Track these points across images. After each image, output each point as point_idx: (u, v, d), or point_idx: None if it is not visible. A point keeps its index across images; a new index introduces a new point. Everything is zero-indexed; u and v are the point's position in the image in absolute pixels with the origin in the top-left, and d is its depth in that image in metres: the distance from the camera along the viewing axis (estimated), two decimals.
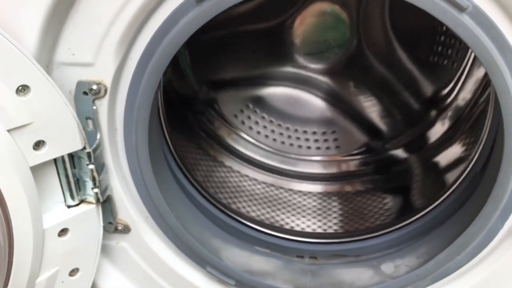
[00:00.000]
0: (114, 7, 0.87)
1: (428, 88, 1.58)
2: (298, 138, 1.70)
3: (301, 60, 1.63)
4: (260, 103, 1.68)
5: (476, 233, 0.99)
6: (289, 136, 1.70)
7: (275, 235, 1.34)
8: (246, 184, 1.59)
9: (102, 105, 0.97)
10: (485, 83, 1.39)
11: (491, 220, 0.97)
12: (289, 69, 1.65)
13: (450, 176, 1.32)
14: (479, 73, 1.44)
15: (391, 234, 1.27)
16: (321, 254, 1.29)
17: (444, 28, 1.46)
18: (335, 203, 1.55)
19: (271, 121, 1.69)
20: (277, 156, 1.69)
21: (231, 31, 1.57)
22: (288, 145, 1.70)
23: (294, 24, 1.58)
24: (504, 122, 0.86)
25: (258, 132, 1.69)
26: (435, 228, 1.16)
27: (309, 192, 1.61)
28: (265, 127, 1.69)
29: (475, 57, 1.42)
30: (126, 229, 1.13)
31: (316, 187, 1.62)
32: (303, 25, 1.59)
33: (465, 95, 1.49)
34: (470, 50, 1.43)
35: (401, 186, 1.52)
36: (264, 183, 1.62)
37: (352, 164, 1.68)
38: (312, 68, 1.64)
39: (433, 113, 1.57)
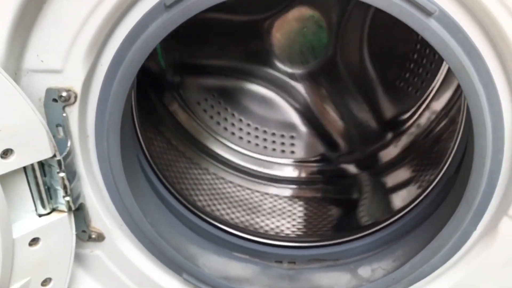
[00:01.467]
0: (83, 13, 0.86)
1: (389, 111, 1.63)
2: (256, 137, 1.71)
3: (275, 60, 1.63)
4: (226, 95, 1.67)
5: (449, 236, 1.00)
6: (248, 133, 1.70)
7: (254, 240, 1.33)
8: (219, 183, 1.60)
9: (72, 112, 0.96)
10: (442, 114, 1.50)
11: (463, 223, 0.97)
12: (261, 67, 1.64)
13: (396, 198, 1.39)
14: (438, 104, 1.52)
15: (370, 237, 1.27)
16: (300, 258, 1.28)
17: (416, 55, 1.52)
18: (300, 208, 1.58)
19: (233, 115, 1.69)
20: (236, 153, 1.70)
21: (209, 17, 1.54)
22: (246, 142, 1.71)
23: (274, 25, 1.58)
24: (473, 125, 0.87)
25: (218, 123, 1.69)
26: (412, 231, 1.17)
27: (276, 195, 1.62)
28: (225, 119, 1.69)
29: (438, 88, 1.51)
30: (100, 237, 1.11)
31: (279, 190, 1.65)
32: (283, 27, 1.59)
33: (423, 122, 1.57)
34: (434, 80, 1.51)
35: (348, 199, 1.58)
36: (231, 182, 1.63)
37: (305, 170, 1.70)
38: (285, 71, 1.64)
39: (389, 135, 1.64)
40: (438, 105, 1.53)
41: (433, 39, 0.81)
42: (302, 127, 1.70)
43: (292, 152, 1.71)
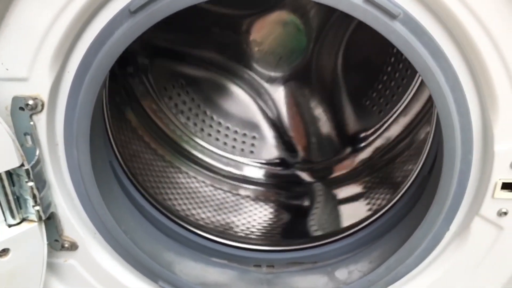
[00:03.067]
0: (47, 20, 0.85)
1: (351, 127, 1.68)
2: (218, 131, 1.70)
3: (249, 59, 1.62)
4: (194, 84, 1.65)
5: (423, 236, 1.00)
6: (211, 126, 1.69)
7: (232, 245, 1.33)
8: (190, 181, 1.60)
9: (40, 120, 0.94)
10: (400, 139, 1.57)
11: (436, 224, 0.98)
12: (234, 63, 1.63)
13: (345, 211, 1.46)
14: (399, 127, 1.58)
15: (347, 239, 1.27)
16: (278, 262, 1.28)
17: (385, 77, 1.57)
18: (254, 208, 1.60)
19: (198, 106, 1.67)
20: (193, 142, 1.69)
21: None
22: (207, 135, 1.70)
23: (254, 24, 1.57)
24: (442, 126, 0.87)
25: (182, 112, 1.67)
26: (388, 232, 1.17)
27: (229, 192, 1.64)
28: (190, 109, 1.67)
29: (399, 113, 1.57)
30: (74, 246, 1.10)
31: (232, 188, 1.66)
32: (262, 28, 1.58)
33: (381, 142, 1.62)
34: (397, 105, 1.56)
35: (299, 207, 1.61)
36: (203, 182, 1.64)
37: (261, 172, 1.71)
38: (258, 71, 1.64)
39: (347, 150, 1.68)
40: (398, 128, 1.58)
41: (398, 42, 0.81)
42: (266, 129, 1.71)
43: (251, 152, 1.72)
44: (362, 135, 1.66)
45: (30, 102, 0.91)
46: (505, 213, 0.95)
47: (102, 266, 1.12)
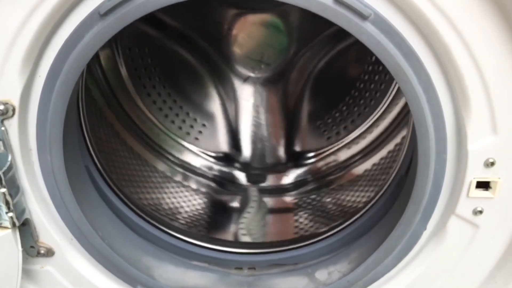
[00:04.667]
0: (15, 24, 0.84)
1: (300, 143, 1.75)
2: (170, 108, 1.69)
3: (228, 51, 1.61)
4: (161, 55, 1.62)
5: (400, 236, 1.00)
6: (164, 101, 1.68)
7: (213, 248, 1.32)
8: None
9: (12, 126, 0.93)
10: (338, 167, 1.68)
11: (413, 224, 0.98)
12: (211, 48, 1.62)
13: (273, 222, 1.56)
14: (343, 155, 1.69)
15: (327, 240, 1.27)
16: (260, 264, 1.27)
17: (344, 108, 1.66)
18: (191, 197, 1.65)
19: (159, 79, 1.65)
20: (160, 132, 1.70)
21: None
22: (157, 109, 1.69)
23: (238, 20, 1.57)
24: (415, 126, 0.87)
25: (139, 78, 1.63)
26: (367, 232, 1.17)
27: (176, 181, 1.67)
28: (149, 78, 1.64)
29: (347, 143, 1.68)
30: (50, 252, 1.08)
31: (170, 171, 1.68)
32: (244, 26, 1.57)
33: (321, 165, 1.72)
34: (349, 135, 1.68)
35: (227, 206, 1.65)
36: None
37: (200, 162, 1.74)
38: (231, 65, 1.64)
39: (289, 164, 1.75)
40: (342, 156, 1.68)
41: (370, 43, 0.81)
42: (219, 121, 1.73)
43: (196, 138, 1.73)
44: (307, 155, 1.74)
45: (1, 107, 0.90)
46: (481, 212, 0.95)
47: (80, 272, 1.11)
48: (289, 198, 1.69)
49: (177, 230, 1.33)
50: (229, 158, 1.76)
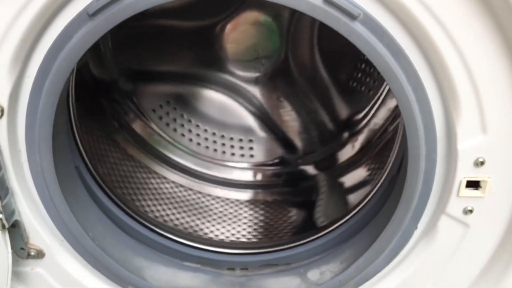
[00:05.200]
0: (3, 24, 0.83)
1: (343, 111, 1.65)
2: (214, 142, 1.69)
3: (228, 65, 1.62)
4: (181, 101, 1.65)
5: (391, 236, 1.00)
6: (206, 139, 1.68)
7: (205, 248, 1.31)
8: (165, 187, 1.58)
9: (0, 126, 0.92)
10: (396, 113, 1.50)
11: (404, 223, 0.98)
12: (215, 72, 1.63)
13: (353, 198, 1.41)
14: (391, 103, 1.53)
15: (320, 240, 1.27)
16: (252, 264, 1.27)
17: (366, 56, 1.52)
18: (246, 213, 1.57)
19: (190, 121, 1.66)
20: (192, 158, 1.68)
21: (158, 23, 1.52)
22: (204, 148, 1.69)
23: (226, 29, 1.56)
24: (406, 125, 0.88)
25: (175, 130, 1.66)
26: (359, 232, 1.17)
27: (227, 199, 1.61)
28: (182, 125, 1.66)
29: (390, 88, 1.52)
30: (40, 254, 1.07)
31: (229, 194, 1.63)
32: (234, 31, 1.58)
33: (377, 122, 1.58)
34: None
35: (306, 201, 1.57)
36: (182, 186, 1.62)
37: (264, 174, 1.70)
38: (238, 75, 1.63)
39: (345, 135, 1.64)
40: (392, 103, 1.54)
41: (360, 43, 0.81)
42: (260, 131, 1.70)
43: (251, 156, 1.70)
44: (357, 117, 1.63)
45: None
46: (471, 211, 0.96)
47: (71, 274, 1.10)
48: (361, 168, 1.55)
49: (168, 230, 1.32)
50: (286, 160, 1.72)
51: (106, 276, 1.11)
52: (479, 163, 0.90)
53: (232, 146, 1.70)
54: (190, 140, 1.67)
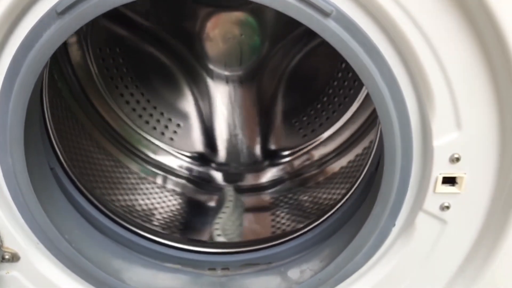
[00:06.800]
0: None
1: (275, 141, 1.74)
2: (144, 109, 1.67)
3: (201, 52, 1.59)
4: (132, 55, 1.60)
5: (369, 233, 1.00)
6: (138, 101, 1.66)
7: (186, 248, 1.30)
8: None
9: None
10: (316, 164, 1.68)
11: (381, 220, 0.98)
12: (183, 47, 1.60)
13: (250, 221, 1.54)
14: (317, 154, 1.69)
15: (301, 238, 1.27)
16: (233, 264, 1.27)
17: (319, 105, 1.65)
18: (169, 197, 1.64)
19: (131, 78, 1.63)
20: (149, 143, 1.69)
21: None
22: (130, 109, 1.67)
23: (211, 18, 1.55)
24: (381, 122, 0.88)
25: (116, 87, 1.61)
26: (338, 230, 1.17)
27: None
28: (121, 78, 1.62)
29: (323, 141, 1.68)
30: (15, 257, 1.06)
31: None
32: (217, 25, 1.56)
33: (297, 163, 1.72)
34: (324, 133, 1.68)
35: (203, 205, 1.65)
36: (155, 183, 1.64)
37: (175, 162, 1.73)
38: (204, 64, 1.62)
39: (265, 163, 1.75)
40: (317, 154, 1.69)
41: (332, 40, 0.81)
42: (193, 120, 1.71)
43: (171, 139, 1.71)
44: (283, 153, 1.74)
45: None
46: (448, 207, 0.96)
47: (47, 277, 1.09)
48: (266, 197, 1.69)
49: (149, 231, 1.31)
50: (205, 158, 1.75)
51: (83, 279, 1.09)
52: (455, 159, 0.90)
53: (158, 121, 1.69)
54: (127, 102, 1.64)
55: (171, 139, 1.71)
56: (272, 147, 1.74)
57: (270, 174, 1.75)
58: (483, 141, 0.89)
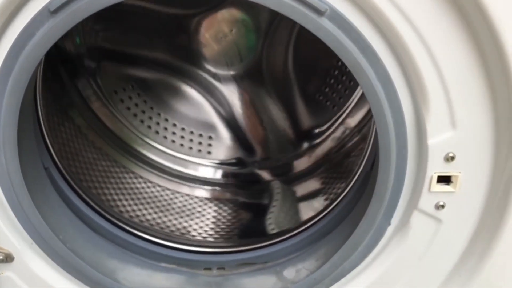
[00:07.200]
0: None
1: (306, 122, 1.67)
2: (174, 133, 1.67)
3: (200, 59, 1.59)
4: (145, 87, 1.61)
5: (365, 232, 1.00)
6: (165, 128, 1.66)
7: (181, 248, 1.30)
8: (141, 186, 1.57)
9: None
10: (355, 131, 1.58)
11: (377, 219, 0.98)
12: (185, 64, 1.60)
13: (304, 208, 1.47)
14: (353, 121, 1.59)
15: (296, 237, 1.26)
16: (229, 264, 1.26)
17: (336, 72, 1.57)
18: (210, 209, 1.58)
19: (151, 108, 1.64)
20: (146, 144, 1.66)
21: (135, 3, 1.47)
22: (162, 137, 1.67)
23: (202, 23, 1.54)
24: (376, 121, 0.87)
25: (135, 115, 1.63)
26: (334, 229, 1.17)
27: (187, 195, 1.62)
28: (143, 111, 1.63)
29: (354, 105, 1.58)
30: (9, 258, 1.05)
31: (191, 190, 1.64)
32: (211, 27, 1.55)
33: (336, 136, 1.63)
34: (351, 97, 1.57)
35: (258, 205, 1.59)
36: (150, 182, 1.60)
37: (219, 172, 1.70)
38: (208, 70, 1.61)
39: (304, 145, 1.68)
40: (353, 121, 1.59)
41: (327, 39, 0.80)
42: (221, 129, 1.69)
43: (209, 152, 1.69)
44: (318, 130, 1.67)
45: None
46: (443, 206, 0.96)
47: (41, 277, 1.08)
48: (315, 179, 1.61)
49: (145, 230, 1.31)
50: (244, 161, 1.72)
51: (78, 279, 1.09)
52: (450, 158, 0.90)
53: (191, 140, 1.68)
54: (149, 127, 1.64)
55: (209, 152, 1.70)
56: (305, 128, 1.68)
57: (314, 156, 1.67)
58: (478, 140, 0.89)
